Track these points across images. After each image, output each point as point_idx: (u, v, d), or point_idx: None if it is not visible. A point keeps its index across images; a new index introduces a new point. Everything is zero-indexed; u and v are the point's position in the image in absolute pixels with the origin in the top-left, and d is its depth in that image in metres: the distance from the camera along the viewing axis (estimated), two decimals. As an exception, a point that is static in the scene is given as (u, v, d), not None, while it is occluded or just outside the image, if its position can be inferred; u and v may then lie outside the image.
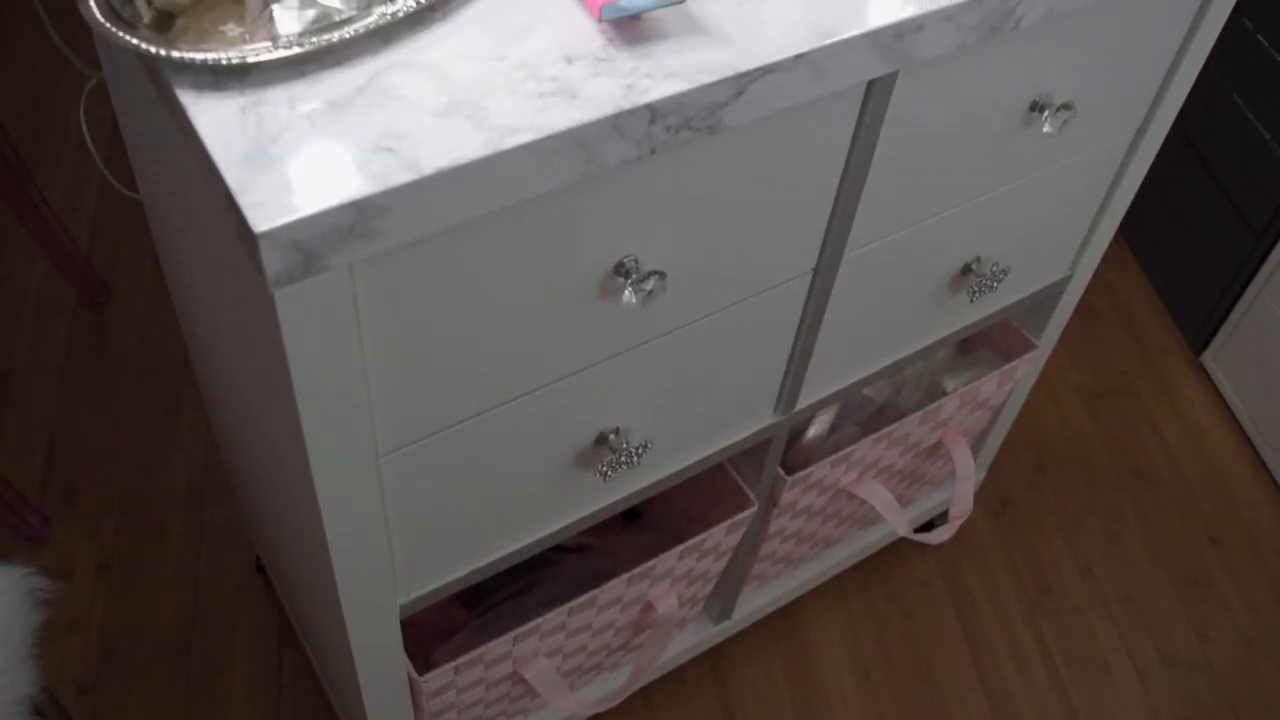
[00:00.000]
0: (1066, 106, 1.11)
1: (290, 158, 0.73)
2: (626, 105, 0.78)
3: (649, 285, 0.90)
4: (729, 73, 0.81)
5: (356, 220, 0.71)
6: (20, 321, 2.06)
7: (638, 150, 0.81)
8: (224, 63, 0.77)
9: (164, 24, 0.82)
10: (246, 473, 1.38)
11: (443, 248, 0.80)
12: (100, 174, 2.10)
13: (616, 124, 0.78)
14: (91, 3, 0.81)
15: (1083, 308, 2.23)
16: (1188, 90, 1.28)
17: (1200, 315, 2.17)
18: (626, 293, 0.91)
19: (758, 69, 0.82)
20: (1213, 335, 2.15)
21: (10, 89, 2.42)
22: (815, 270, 1.09)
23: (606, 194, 0.85)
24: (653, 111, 0.79)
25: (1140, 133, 1.30)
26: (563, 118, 0.77)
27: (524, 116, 0.76)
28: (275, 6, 0.83)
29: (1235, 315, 2.08)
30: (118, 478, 1.85)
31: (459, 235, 0.80)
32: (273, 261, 0.70)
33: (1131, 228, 2.35)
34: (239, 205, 0.70)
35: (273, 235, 0.69)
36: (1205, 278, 2.15)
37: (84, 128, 1.21)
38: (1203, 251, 2.14)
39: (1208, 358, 2.17)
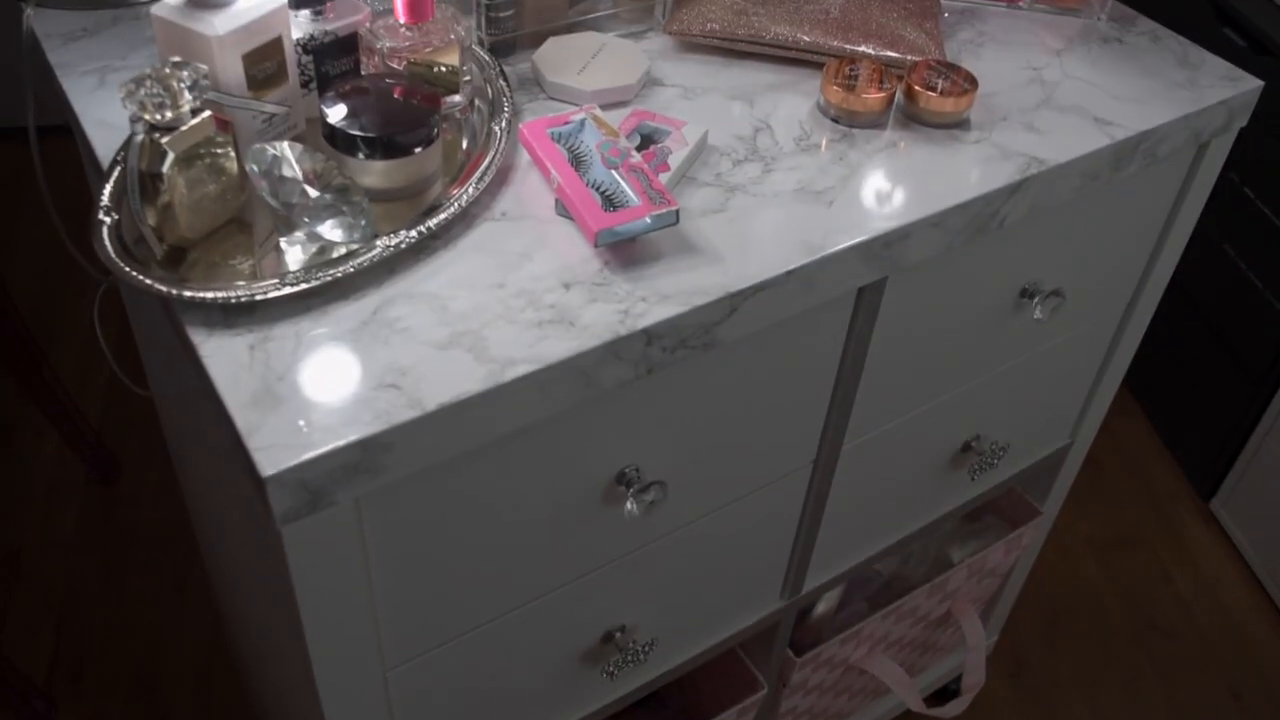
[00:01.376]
0: (1056, 293, 1.13)
1: (297, 396, 0.75)
2: (623, 331, 0.80)
3: (650, 496, 0.91)
4: (722, 293, 0.84)
5: (362, 458, 0.73)
6: (30, 499, 2.07)
7: (635, 372, 0.83)
8: (233, 301, 0.79)
9: (176, 257, 0.85)
10: (253, 658, 1.38)
11: (446, 473, 0.81)
12: (109, 323, 2.14)
13: (614, 349, 0.80)
14: (106, 242, 0.84)
15: (1088, 457, 2.23)
16: (1176, 261, 1.31)
17: (1206, 462, 2.17)
18: (629, 504, 0.92)
19: (750, 287, 0.85)
20: (1220, 482, 2.15)
21: (25, 269, 2.47)
22: (815, 463, 1.10)
23: (606, 411, 0.87)
24: (649, 335, 0.81)
25: (1131, 306, 1.32)
26: (562, 347, 0.79)
27: (524, 347, 0.78)
28: (282, 240, 0.86)
29: (1241, 462, 2.08)
30: (126, 657, 1.85)
31: (462, 460, 0.81)
32: (280, 501, 0.72)
33: (1133, 375, 2.37)
34: (248, 448, 0.71)
35: (280, 478, 0.70)
36: (1209, 424, 2.15)
37: (96, 328, 1.25)
38: (1205, 398, 2.16)
39: (1216, 505, 2.17)
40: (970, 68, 1.10)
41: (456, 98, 0.98)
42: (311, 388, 0.75)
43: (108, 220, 0.85)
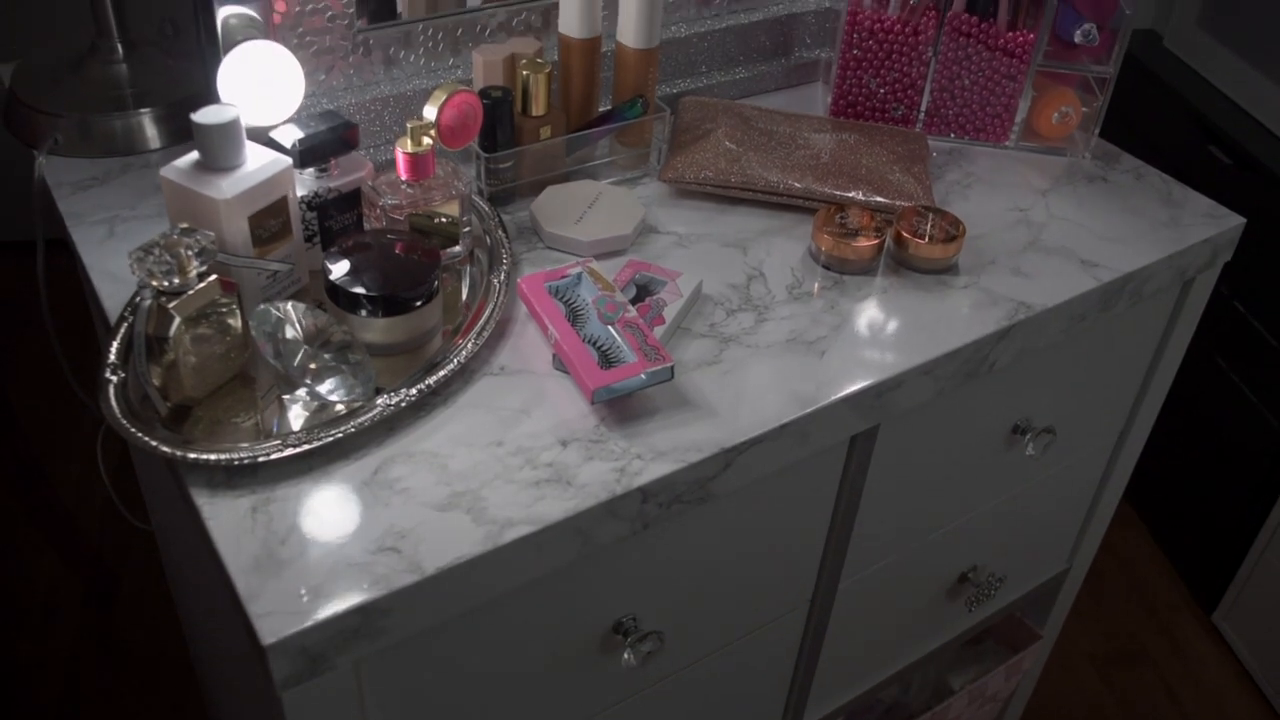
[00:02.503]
0: (1049, 430, 1.15)
1: (298, 560, 0.76)
2: (619, 490, 0.81)
3: (647, 646, 0.92)
4: (716, 449, 0.85)
5: (361, 624, 0.74)
6: (28, 617, 2.07)
7: (631, 528, 0.84)
8: (236, 463, 0.81)
9: (180, 414, 0.87)
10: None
11: (444, 631, 0.82)
12: (112, 454, 2.14)
13: (610, 508, 0.81)
14: (112, 401, 0.85)
15: (1089, 571, 2.23)
16: (1166, 390, 1.33)
17: (1208, 574, 2.17)
18: (626, 654, 0.92)
19: (744, 442, 0.86)
20: (1221, 594, 2.15)
21: (29, 382, 2.49)
22: (812, 602, 1.11)
23: (602, 564, 0.88)
24: (644, 493, 0.83)
25: (1124, 435, 1.34)
26: (559, 507, 0.80)
27: (521, 507, 0.80)
28: (286, 398, 0.88)
29: (1242, 573, 2.08)
30: (121, 782, 1.83)
31: (460, 619, 0.82)
32: (280, 668, 0.72)
33: (1132, 486, 2.37)
34: (249, 614, 0.72)
35: (281, 646, 0.71)
36: (1210, 536, 2.16)
37: (99, 462, 1.26)
38: (1205, 509, 2.16)
39: (1218, 617, 2.16)
40: (958, 210, 1.13)
41: (457, 248, 1.00)
42: (313, 551, 0.76)
43: (114, 379, 0.86)
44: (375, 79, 1.10)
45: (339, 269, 0.90)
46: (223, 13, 0.96)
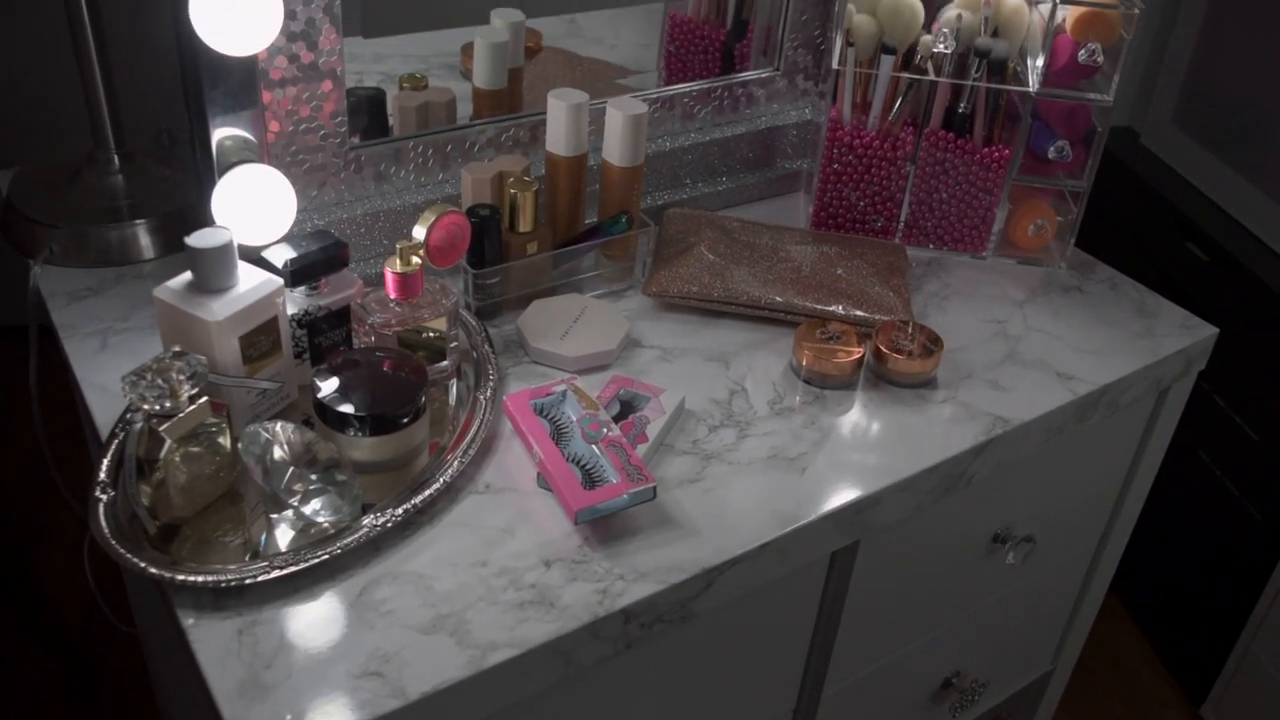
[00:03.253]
0: (1028, 539, 1.16)
1: (284, 684, 0.76)
2: (602, 612, 0.82)
3: (630, 765, 0.92)
4: (698, 569, 0.86)
5: (344, 752, 0.74)
6: (10, 707, 2.05)
7: (614, 648, 0.85)
8: (223, 585, 0.82)
9: (168, 533, 0.88)
10: None
11: (427, 754, 0.82)
12: (99, 555, 2.14)
13: (593, 630, 0.82)
14: (101, 520, 0.86)
15: (1075, 663, 2.23)
16: (1145, 494, 1.34)
17: (1196, 667, 2.17)
18: (608, 773, 0.93)
19: (725, 562, 0.87)
20: (1210, 686, 2.15)
21: (15, 467, 2.49)
22: (795, 711, 1.11)
23: (584, 680, 0.89)
24: (627, 614, 0.84)
25: (1104, 539, 1.35)
26: (542, 629, 0.81)
27: (505, 630, 0.81)
28: (274, 516, 0.89)
29: (1229, 665, 2.08)
30: None
31: (443, 740, 0.83)
32: (262, 795, 0.73)
33: (1117, 577, 2.38)
34: (232, 742, 0.73)
35: (263, 775, 0.72)
36: (1196, 627, 2.16)
37: (86, 566, 1.26)
38: (1191, 601, 2.17)
39: (1207, 710, 2.16)
40: (937, 322, 1.16)
41: (444, 363, 1.02)
42: (298, 676, 0.77)
43: (104, 498, 0.88)
44: (366, 194, 1.12)
45: (327, 387, 0.91)
46: (218, 134, 0.98)
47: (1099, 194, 1.23)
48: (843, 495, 0.94)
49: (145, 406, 0.84)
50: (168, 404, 0.84)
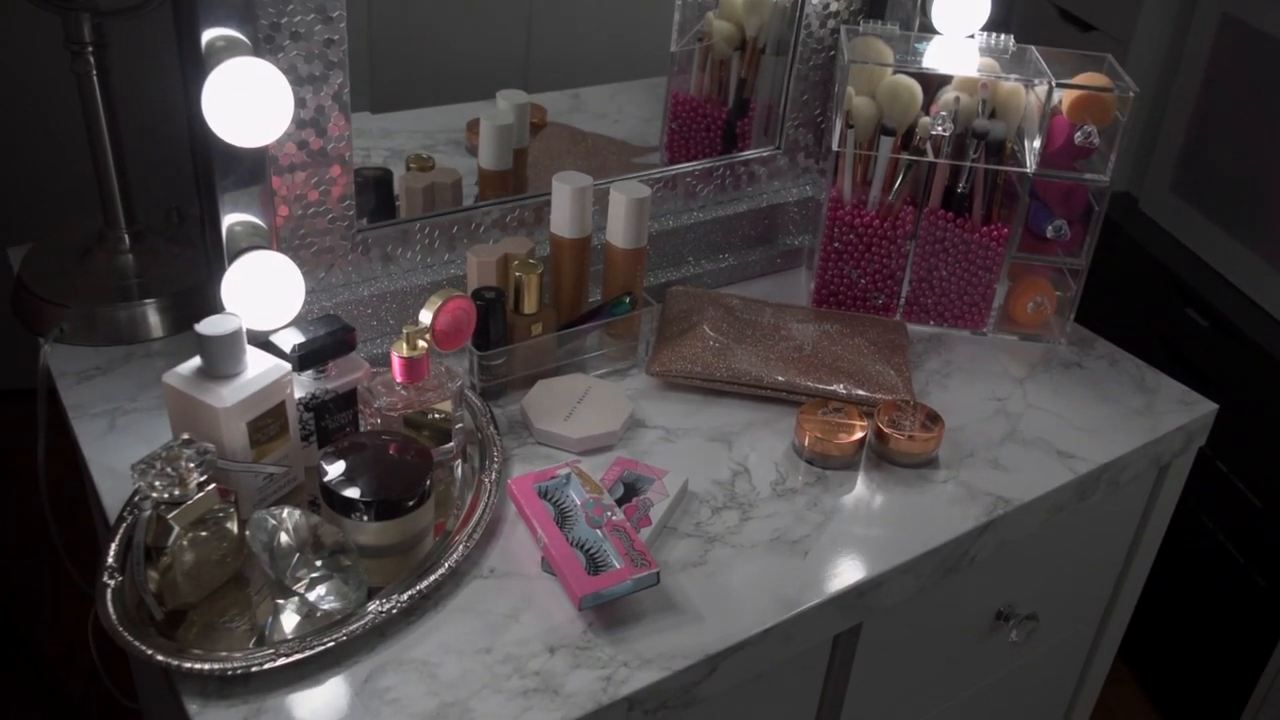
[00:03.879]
0: (1031, 617, 1.16)
1: (287, 776, 0.76)
2: (605, 700, 0.83)
3: None
4: (701, 655, 0.87)
5: (348, 844, 0.75)
6: (11, 779, 2.04)
7: (618, 736, 0.85)
8: (229, 673, 0.82)
9: (175, 618, 0.88)
10: None
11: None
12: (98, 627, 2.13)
13: (597, 718, 0.83)
14: (109, 606, 0.87)
15: (1081, 730, 2.21)
16: (1148, 568, 1.34)
17: (1201, 733, 2.16)
18: None
19: (729, 648, 0.88)
20: (1217, 753, 2.13)
21: (18, 535, 2.50)
22: (800, 793, 1.11)
23: (589, 769, 0.89)
24: (630, 702, 0.84)
25: (1109, 610, 1.35)
26: (546, 718, 0.81)
27: (509, 719, 0.81)
28: (280, 601, 0.89)
29: (1236, 733, 2.07)
30: None
31: (447, 830, 0.83)
32: None
33: (1124, 644, 2.37)
34: (236, 835, 0.73)
35: None
36: (1204, 693, 2.15)
37: (90, 641, 1.27)
38: (1198, 667, 2.16)
39: (1214, 778, 2.14)
40: (938, 400, 1.17)
41: (450, 444, 1.03)
42: (301, 768, 0.77)
43: (111, 584, 0.88)
44: (373, 275, 1.14)
45: (334, 471, 0.92)
46: (228, 220, 1.00)
47: (1099, 259, 1.24)
48: (845, 578, 0.95)
49: (154, 495, 0.84)
50: (176, 492, 0.85)
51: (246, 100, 0.88)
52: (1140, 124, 2.37)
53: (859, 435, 1.06)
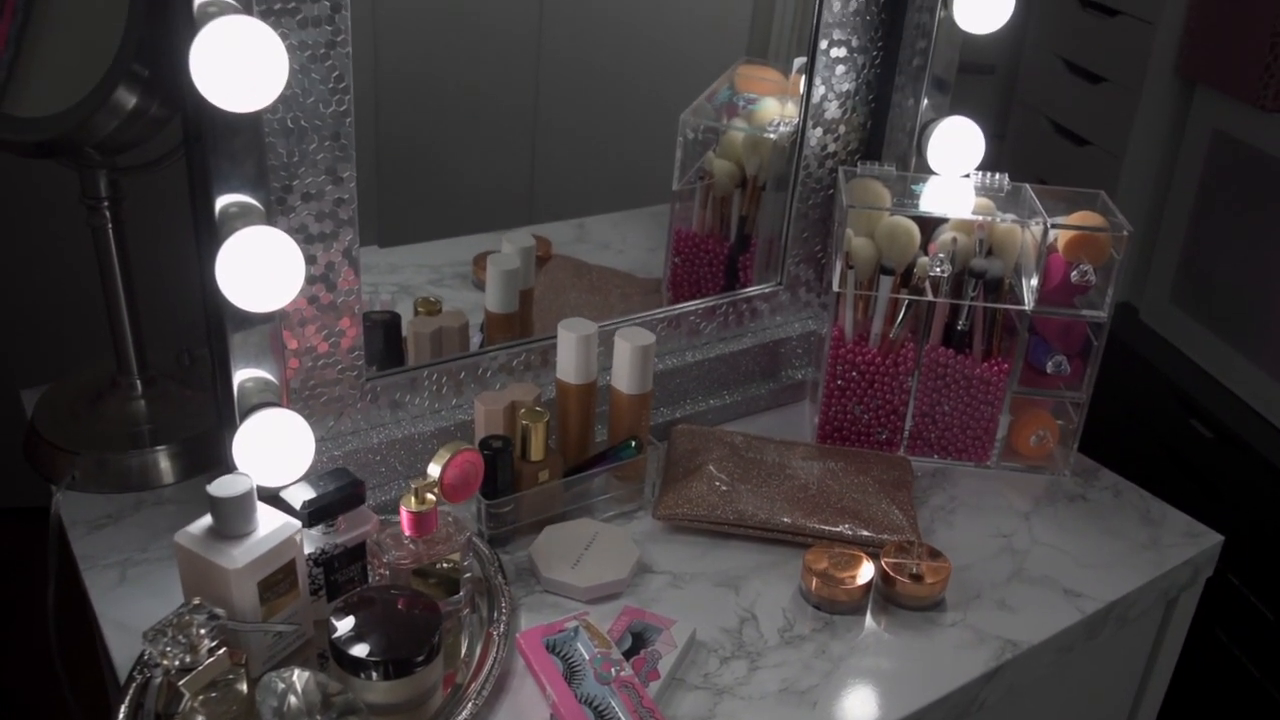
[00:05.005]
0: (1042, 757, 1.15)
1: None
2: None
3: None
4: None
5: None
6: None
7: None
8: (237, 844, 0.82)
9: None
10: None
11: None
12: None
13: None
14: (118, 773, 0.87)
15: None
16: (1161, 697, 1.33)
17: None
18: None
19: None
20: None
21: (20, 659, 2.48)
22: None
23: None
24: None
25: (1122, 744, 1.34)
26: None
27: None
28: (288, 766, 0.89)
29: None
30: None
31: None
32: None
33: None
34: None
35: None
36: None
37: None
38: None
39: None
40: (943, 538, 1.17)
41: (458, 595, 1.03)
42: None
43: (121, 749, 0.88)
44: (382, 422, 1.15)
45: (343, 628, 0.92)
46: (238, 376, 1.01)
47: (1101, 372, 1.24)
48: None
49: (165, 662, 0.85)
50: (187, 659, 0.85)
51: (260, 269, 0.90)
52: (1138, 234, 2.40)
53: (865, 580, 1.06)
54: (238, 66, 0.83)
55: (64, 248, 2.29)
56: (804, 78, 1.29)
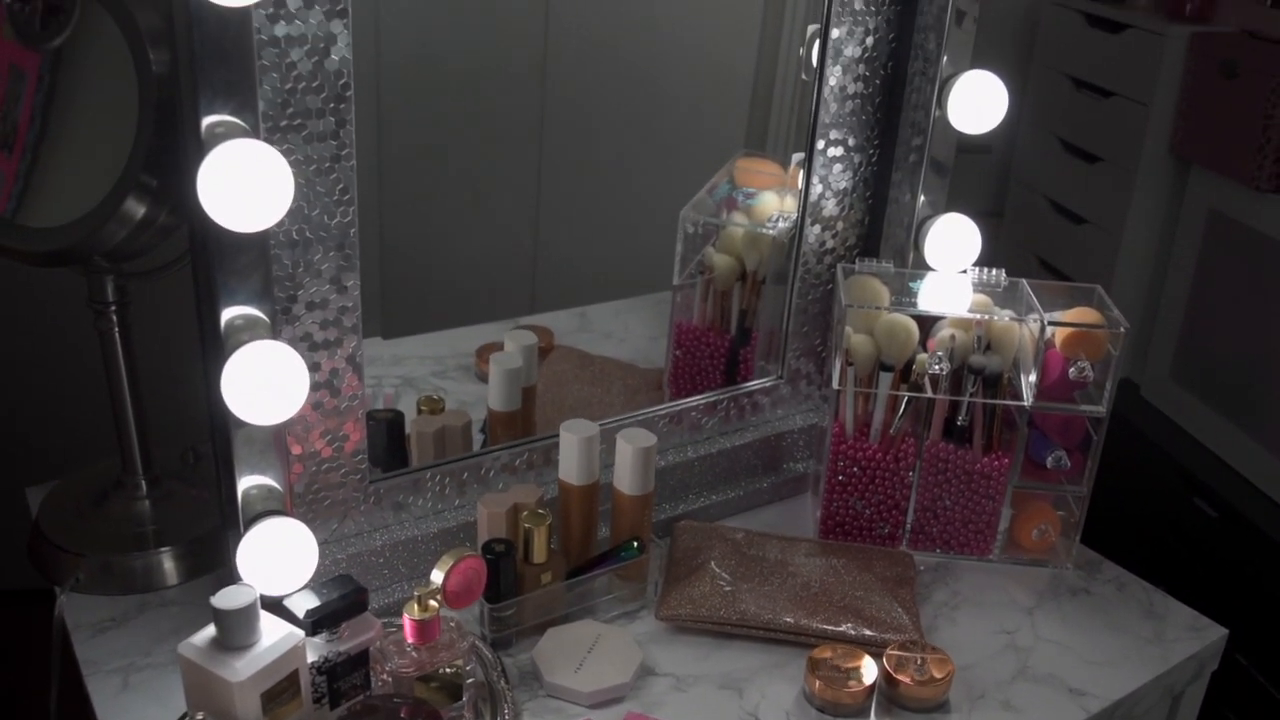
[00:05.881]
0: None
1: None
2: None
3: None
4: None
5: None
6: None
7: None
8: None
9: None
10: None
11: None
12: None
13: None
14: None
15: None
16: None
17: None
18: None
19: None
20: None
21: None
22: None
23: None
24: None
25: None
26: None
27: None
28: None
29: None
30: None
31: None
32: None
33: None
34: None
35: None
36: None
37: None
38: None
39: None
40: (946, 635, 1.17)
41: (460, 702, 1.03)
42: None
43: None
44: (385, 523, 1.16)
45: (346, 738, 0.92)
46: (243, 484, 1.02)
47: (1103, 449, 1.24)
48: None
49: (167, 782, 0.85)
50: (189, 779, 0.85)
51: (265, 383, 0.91)
52: (1138, 311, 2.41)
53: (869, 681, 1.06)
54: (245, 190, 0.85)
55: (70, 345, 2.30)
56: (802, 173, 1.31)
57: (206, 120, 0.90)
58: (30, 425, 2.40)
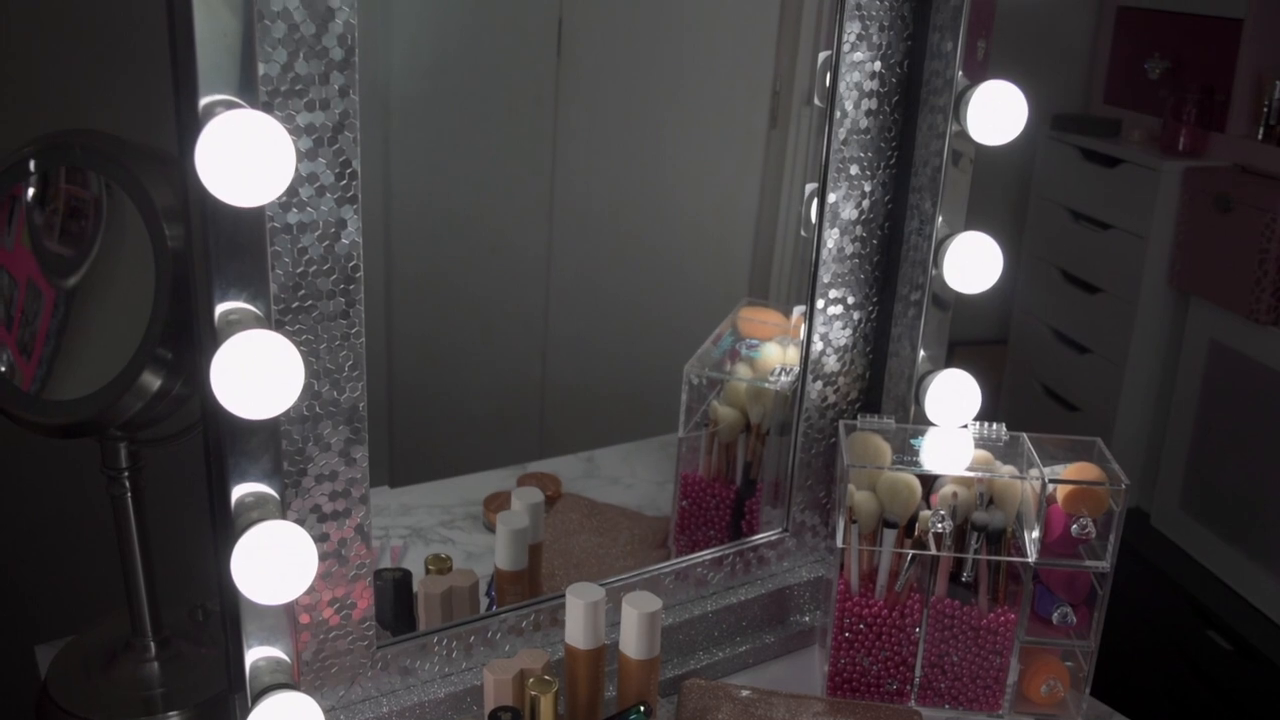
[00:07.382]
0: None
1: None
2: None
3: None
4: None
5: None
6: None
7: None
8: None
9: None
10: None
11: None
12: None
13: None
14: None
15: None
16: None
17: None
18: None
19: None
20: None
21: None
22: None
23: None
24: None
25: None
26: None
27: None
28: None
29: None
30: None
31: None
32: None
33: None
34: None
35: None
36: None
37: None
38: None
39: None
40: (957, 800, 1.16)
41: None
42: None
43: None
44: (392, 688, 1.16)
45: None
46: (251, 656, 1.03)
47: (1115, 580, 1.23)
48: None
49: None
50: None
51: (276, 563, 0.92)
52: (1144, 440, 2.42)
53: None
54: (258, 380, 0.87)
55: (80, 503, 2.31)
56: (803, 329, 1.33)
57: (220, 308, 0.93)
58: (37, 578, 2.40)
